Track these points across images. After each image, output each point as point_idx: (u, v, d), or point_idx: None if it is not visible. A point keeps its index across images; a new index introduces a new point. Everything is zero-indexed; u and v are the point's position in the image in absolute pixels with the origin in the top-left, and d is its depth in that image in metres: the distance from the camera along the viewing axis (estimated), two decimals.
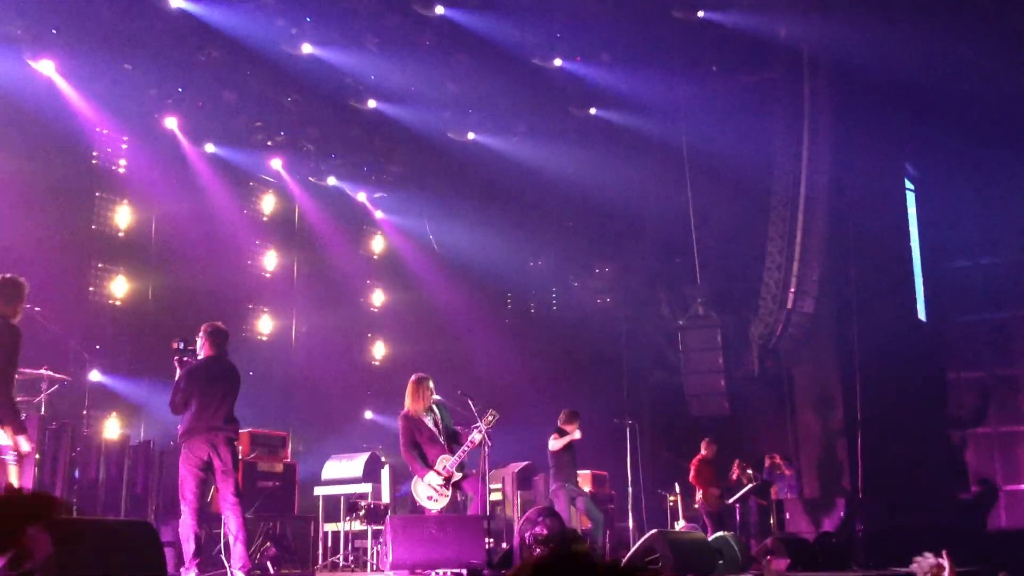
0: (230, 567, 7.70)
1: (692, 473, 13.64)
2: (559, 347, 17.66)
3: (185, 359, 8.18)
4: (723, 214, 17.56)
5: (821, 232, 16.33)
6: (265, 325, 15.34)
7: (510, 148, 16.31)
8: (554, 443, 11.08)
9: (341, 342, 16.44)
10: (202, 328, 8.28)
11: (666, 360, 18.47)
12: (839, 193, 16.80)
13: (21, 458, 6.47)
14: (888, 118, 17.28)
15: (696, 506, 13.57)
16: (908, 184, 19.50)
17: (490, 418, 9.09)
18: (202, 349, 8.16)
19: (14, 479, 6.35)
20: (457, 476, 9.12)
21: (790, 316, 16.21)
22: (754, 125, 16.72)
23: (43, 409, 8.75)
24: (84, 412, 10.09)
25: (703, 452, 13.69)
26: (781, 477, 14.66)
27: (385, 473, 11.62)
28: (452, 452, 9.20)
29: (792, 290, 16.06)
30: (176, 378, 8.10)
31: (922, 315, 19.16)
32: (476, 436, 9.09)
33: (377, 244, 17.77)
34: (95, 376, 10.64)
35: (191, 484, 7.77)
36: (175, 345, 8.32)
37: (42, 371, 8.78)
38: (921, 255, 19.48)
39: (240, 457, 9.01)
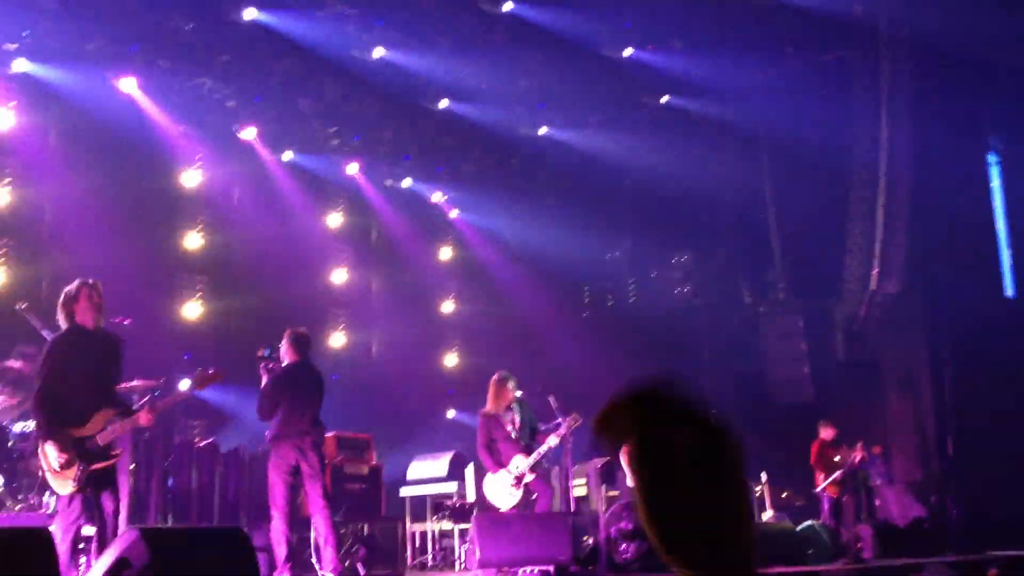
0: (321, 570, 7.85)
1: (813, 457, 13.32)
2: (638, 339, 17.56)
3: (271, 366, 8.35)
4: (802, 197, 17.27)
5: (904, 211, 16.00)
6: (345, 332, 15.57)
7: (583, 141, 16.28)
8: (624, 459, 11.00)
9: (420, 344, 16.60)
10: (286, 334, 8.44)
11: (748, 348, 18.27)
12: (921, 170, 16.42)
13: (54, 471, 6.25)
14: (969, 91, 16.81)
15: (816, 491, 13.26)
16: (992, 158, 18.95)
17: (572, 422, 9.11)
18: (286, 355, 8.33)
19: (56, 487, 6.37)
20: (529, 477, 9.16)
21: (874, 297, 15.91)
22: (831, 105, 16.43)
23: None
24: (175, 422, 10.36)
25: (822, 434, 13.39)
26: (872, 463, 14.39)
27: (470, 472, 11.70)
28: (530, 451, 9.24)
29: (876, 271, 15.77)
30: (262, 385, 8.27)
31: (1010, 291, 18.62)
32: (553, 440, 9.13)
33: (453, 245, 17.88)
34: (184, 386, 10.89)
35: (281, 489, 7.93)
36: (260, 352, 8.51)
37: (133, 383, 9.03)
38: (1008, 230, 18.91)
39: (327, 461, 9.18)
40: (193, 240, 13.64)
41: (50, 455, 6.22)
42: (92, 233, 11.52)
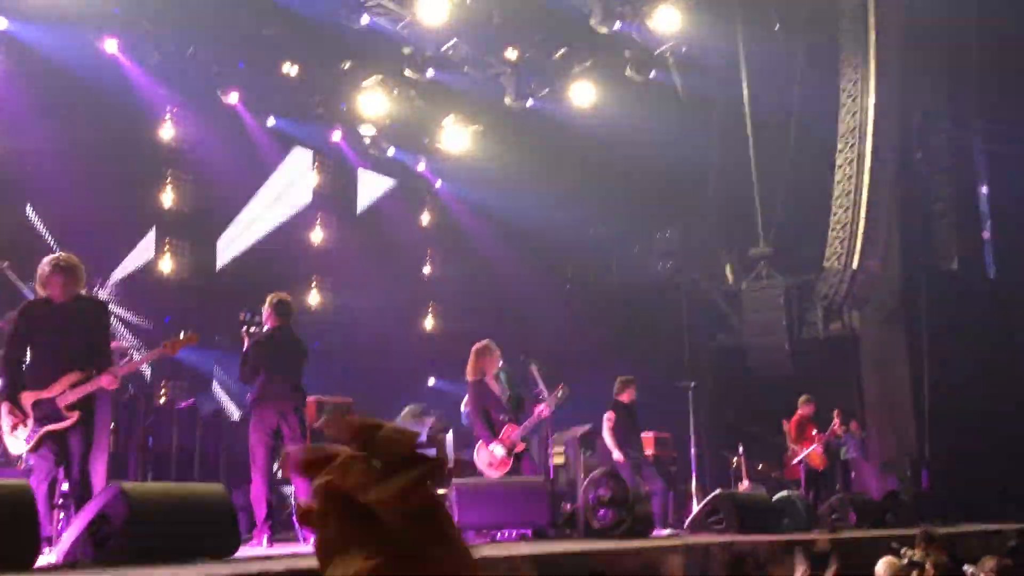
0: (300, 531, 7.89)
1: (792, 431, 13.44)
2: (620, 312, 17.65)
3: (252, 330, 8.34)
4: (787, 174, 17.35)
5: (888, 189, 16.09)
6: (326, 296, 15.58)
7: (568, 113, 16.26)
8: (607, 436, 11.12)
9: (401, 312, 16.63)
10: (267, 299, 8.43)
11: (728, 323, 18.39)
12: (906, 149, 16.52)
13: (7, 432, 6.37)
14: (956, 72, 16.91)
15: (795, 463, 13.37)
16: (977, 138, 19.06)
17: (559, 394, 9.18)
18: (268, 320, 8.32)
19: (10, 448, 6.51)
20: (521, 447, 9.23)
21: (856, 276, 16.01)
22: (818, 81, 16.48)
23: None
24: (156, 383, 10.36)
25: (801, 410, 13.49)
26: (848, 437, 14.53)
27: (449, 438, 11.77)
28: (517, 420, 9.29)
29: (858, 249, 15.85)
30: (244, 349, 8.27)
31: (991, 272, 18.78)
32: (544, 412, 9.19)
33: (436, 213, 17.87)
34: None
35: (261, 451, 7.95)
36: (242, 316, 8.49)
37: (115, 345, 9.03)
38: (991, 211, 19.06)
39: (308, 424, 9.20)
40: (173, 200, 13.58)
41: (1, 416, 6.37)
42: (73, 192, 11.46)
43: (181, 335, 7.22)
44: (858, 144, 16.01)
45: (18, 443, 6.39)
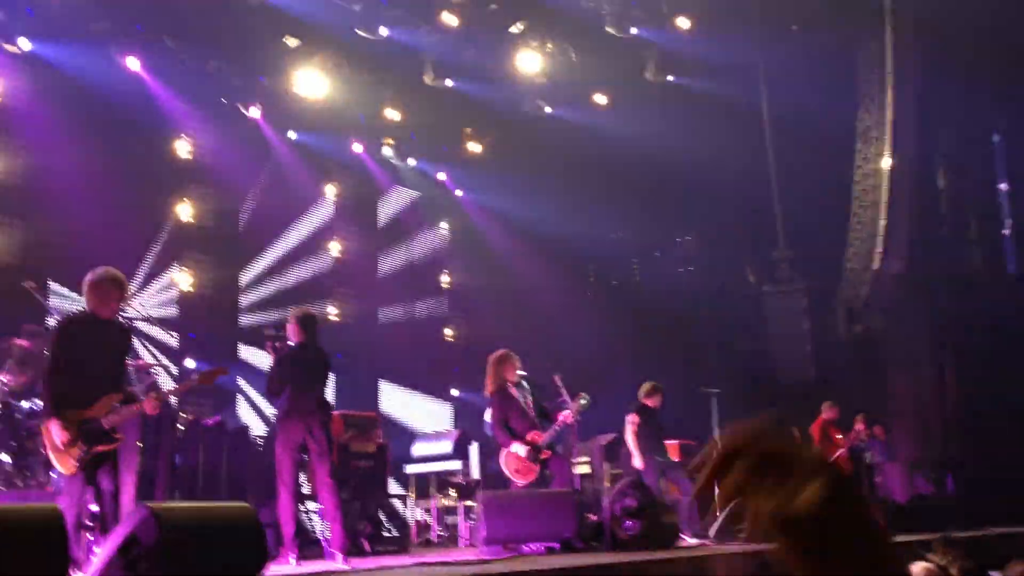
0: (328, 546, 7.92)
1: (816, 437, 13.40)
2: (643, 318, 17.62)
3: (278, 345, 8.40)
4: (806, 176, 17.28)
5: (908, 190, 16.00)
6: (347, 308, 15.63)
7: (587, 120, 16.27)
8: (630, 439, 11.09)
9: (423, 322, 16.68)
10: (291, 315, 8.49)
11: (751, 327, 18.32)
12: (925, 149, 16.42)
13: (56, 450, 6.24)
14: (975, 69, 16.78)
15: None
16: (996, 136, 18.92)
17: (583, 402, 9.19)
18: (292, 335, 8.37)
19: (58, 466, 6.39)
20: (546, 454, 9.23)
21: (877, 277, 15.93)
22: (836, 83, 16.40)
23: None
24: (181, 401, 10.42)
25: (825, 414, 13.45)
26: (873, 441, 14.45)
27: (474, 450, 11.79)
28: (542, 428, 9.31)
29: (880, 251, 15.77)
30: (270, 364, 8.32)
31: (1012, 268, 18.64)
32: (569, 416, 9.20)
33: (457, 222, 17.90)
34: (190, 364, 10.99)
35: (288, 467, 7.98)
36: (267, 332, 8.55)
37: (138, 362, 9.10)
38: (1009, 208, 18.91)
39: (334, 439, 9.25)
40: (197, 216, 13.66)
41: (54, 433, 6.25)
42: (97, 211, 11.55)
43: (215, 367, 7.31)
44: (877, 143, 15.94)
45: (68, 463, 6.32)
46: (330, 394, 8.46)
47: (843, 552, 0.99)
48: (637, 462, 10.93)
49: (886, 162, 15.75)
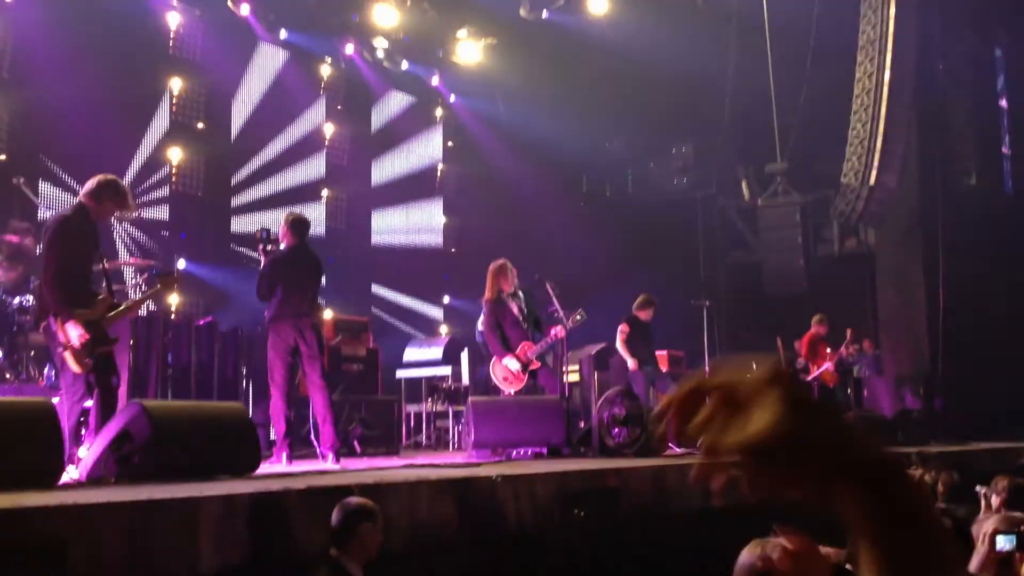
0: (319, 446, 8.00)
1: (804, 350, 13.51)
2: (635, 228, 17.59)
3: (269, 248, 8.37)
4: (805, 89, 17.07)
5: (906, 104, 15.83)
6: (340, 212, 15.54)
7: (584, 27, 15.99)
8: (620, 346, 11.23)
9: (415, 229, 16.63)
10: (284, 218, 8.46)
11: (744, 240, 18.32)
12: (926, 63, 16.20)
13: (74, 349, 6.22)
14: None
15: (809, 379, 13.46)
16: (998, 51, 18.67)
17: (578, 317, 9.23)
18: (284, 238, 8.34)
19: (73, 365, 6.38)
20: (536, 365, 9.31)
21: (872, 192, 15.85)
22: None
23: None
24: (174, 300, 10.43)
25: (814, 328, 13.54)
26: (861, 356, 14.57)
27: (464, 356, 11.85)
28: (534, 339, 9.37)
29: (875, 165, 15.67)
30: (261, 266, 8.31)
31: (1010, 187, 18.57)
32: (561, 331, 9.25)
33: (450, 128, 17.71)
34: (181, 264, 10.96)
35: (279, 368, 8.01)
36: (258, 235, 8.52)
37: (129, 260, 9.07)
38: (1009, 125, 18.75)
39: (325, 342, 9.28)
40: (188, 115, 13.48)
41: (71, 334, 6.20)
42: (88, 114, 11.38)
43: (169, 274, 7.28)
44: (877, 57, 15.70)
45: (85, 360, 6.29)
46: (324, 297, 8.46)
47: (815, 466, 0.92)
48: (631, 364, 11.07)
49: (886, 76, 15.55)
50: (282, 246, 8.35)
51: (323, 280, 8.55)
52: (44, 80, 11.32)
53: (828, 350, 13.33)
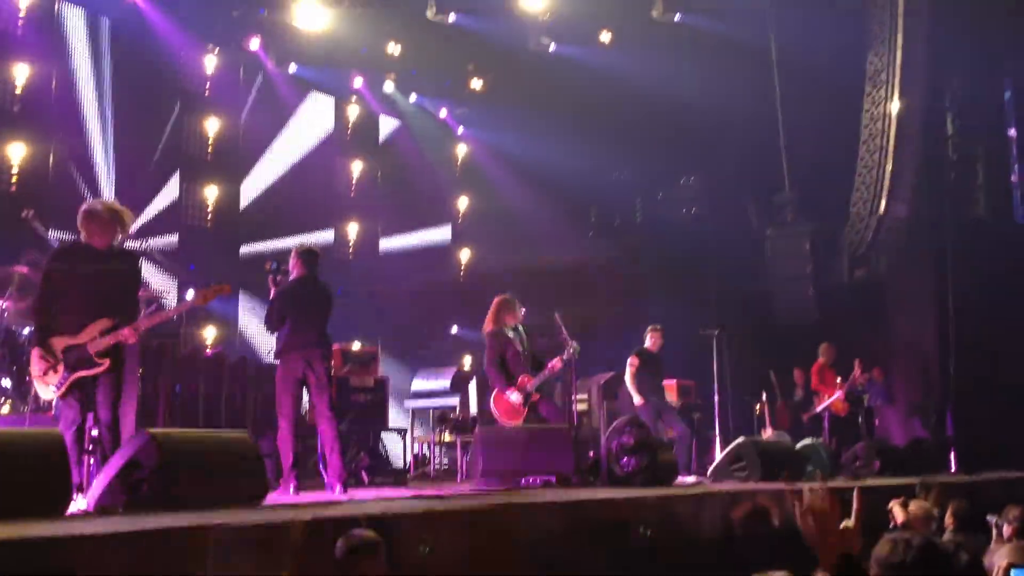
0: (327, 477, 7.97)
1: (814, 380, 13.51)
2: (644, 258, 17.57)
3: (279, 279, 8.40)
4: (813, 119, 17.10)
5: (915, 133, 15.85)
6: (349, 243, 15.58)
7: (592, 58, 16.07)
8: (628, 380, 11.28)
9: (424, 258, 16.67)
10: (294, 250, 8.49)
11: (753, 269, 18.28)
12: (934, 93, 16.24)
13: (38, 377, 6.43)
14: (987, 13, 16.54)
15: (817, 411, 13.44)
16: (1007, 82, 18.69)
17: (572, 350, 9.26)
18: (294, 269, 8.36)
19: (41, 391, 6.53)
20: (536, 397, 9.31)
21: (882, 221, 15.85)
22: (845, 25, 16.17)
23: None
24: (181, 330, 10.44)
25: (822, 357, 13.55)
26: (871, 385, 14.50)
27: (472, 387, 11.84)
28: (532, 373, 9.37)
29: (884, 194, 15.67)
30: (271, 297, 8.33)
31: (1020, 217, 18.53)
32: (558, 363, 9.28)
33: (459, 160, 17.76)
34: (190, 295, 10.95)
35: (288, 399, 8.01)
36: (268, 266, 8.56)
37: (147, 292, 9.11)
38: (1017, 154, 18.73)
39: (333, 372, 9.27)
40: (198, 146, 13.55)
41: (33, 361, 6.40)
42: (95, 134, 11.49)
43: (215, 285, 7.26)
44: (886, 87, 15.76)
45: (48, 389, 6.45)
46: (331, 328, 8.45)
47: None
48: (636, 400, 11.07)
49: (895, 106, 15.59)
50: (292, 276, 8.38)
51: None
52: (55, 115, 11.45)
53: (838, 379, 13.28)
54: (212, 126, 13.77)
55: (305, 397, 8.37)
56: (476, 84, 16.52)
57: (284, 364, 8.10)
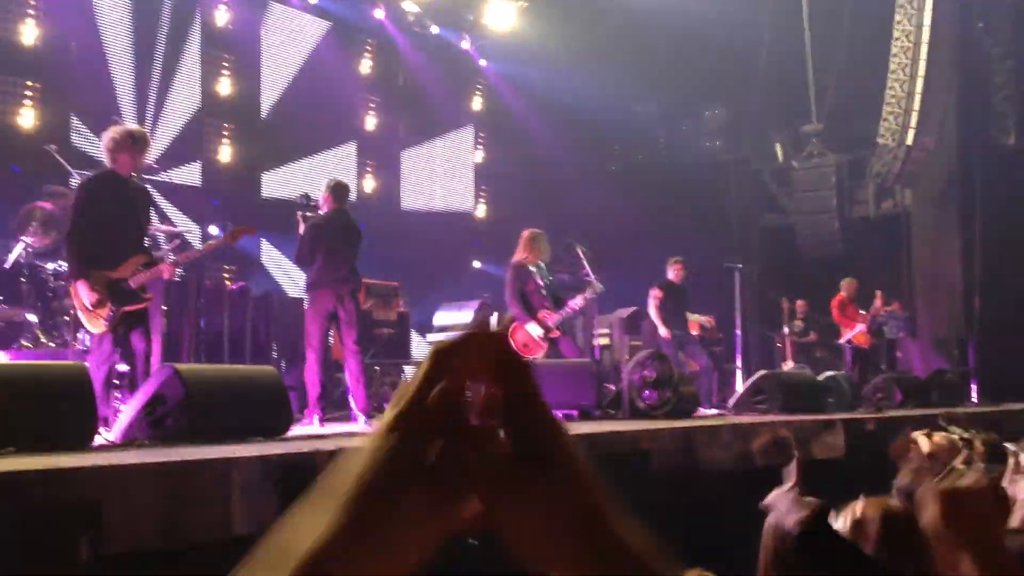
0: (352, 409, 8.05)
1: (835, 313, 13.50)
2: (668, 191, 17.45)
3: (308, 214, 8.40)
4: (841, 48, 16.82)
5: (945, 63, 15.58)
6: (371, 179, 15.53)
7: None
8: (652, 312, 11.29)
9: (447, 194, 16.61)
10: (326, 183, 8.48)
11: (777, 202, 18.15)
12: (966, 18, 15.91)
13: (86, 309, 6.37)
14: None
15: (841, 342, 13.46)
16: None
17: (596, 289, 9.26)
18: (325, 203, 8.35)
19: (88, 326, 6.50)
20: (556, 334, 9.32)
21: (909, 153, 15.66)
22: None
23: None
24: (206, 266, 10.48)
25: (844, 292, 13.52)
26: (891, 316, 14.43)
27: (493, 321, 11.86)
28: (554, 309, 9.38)
29: (912, 125, 15.46)
30: (301, 232, 8.33)
31: None
32: (578, 303, 9.29)
33: (481, 93, 17.59)
34: (213, 231, 10.99)
35: (317, 332, 8.06)
36: (298, 200, 8.54)
37: (162, 227, 9.13)
38: None
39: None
40: (218, 89, 13.47)
41: (81, 294, 6.35)
42: (113, 74, 11.45)
43: (242, 225, 7.29)
44: (916, 15, 15.45)
45: (98, 322, 6.40)
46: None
47: None
48: (662, 331, 11.11)
49: (924, 34, 15.28)
50: (322, 211, 8.37)
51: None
52: (77, 45, 11.42)
53: (861, 312, 13.24)
54: (233, 64, 13.63)
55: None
56: (498, 16, 16.25)
57: (314, 298, 8.14)
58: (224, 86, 13.49)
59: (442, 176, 16.74)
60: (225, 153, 13.43)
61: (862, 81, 16.57)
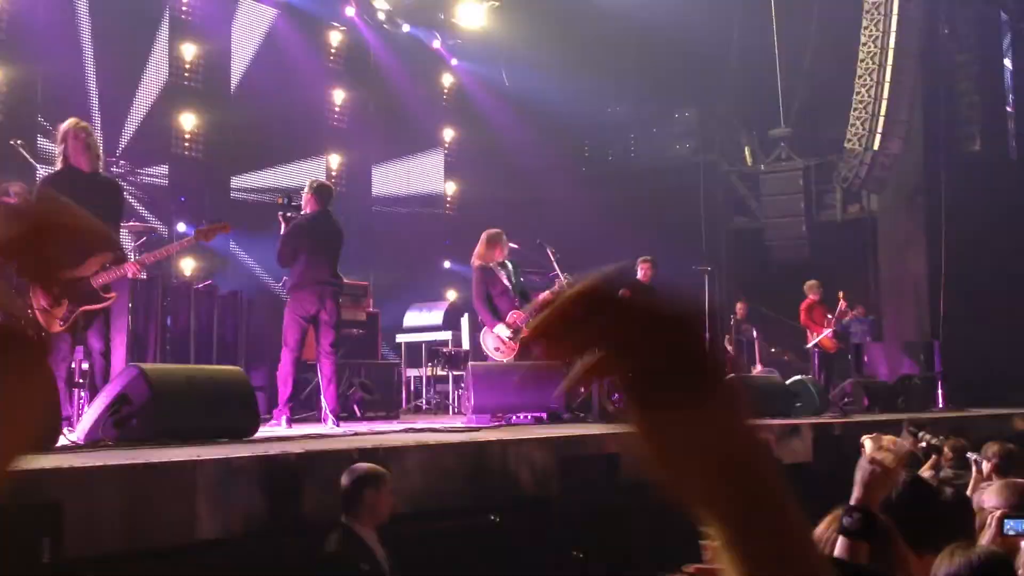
0: (323, 410, 7.98)
1: (803, 317, 13.54)
2: (637, 194, 17.48)
3: (289, 215, 8.34)
4: (810, 53, 16.94)
5: (911, 69, 15.72)
6: (340, 174, 15.43)
7: None
8: None
9: (417, 193, 16.56)
10: (308, 184, 8.42)
11: (746, 206, 18.24)
12: (931, 29, 16.06)
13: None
14: None
15: (808, 347, 13.50)
16: (1004, 17, 18.48)
17: (565, 283, 9.19)
18: (307, 204, 8.28)
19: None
20: (526, 332, 9.27)
21: (876, 157, 15.78)
22: None
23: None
24: (172, 264, 10.39)
25: (810, 296, 13.55)
26: (854, 321, 14.52)
27: (465, 321, 11.83)
28: (522, 308, 9.33)
29: (879, 130, 15.58)
30: (282, 232, 8.26)
31: (1014, 153, 18.43)
32: (549, 297, 9.21)
33: (451, 92, 17.55)
34: (181, 228, 10.91)
35: (295, 333, 7.99)
36: (280, 200, 8.48)
37: (132, 224, 9.03)
38: (1014, 90, 18.59)
39: None
40: (185, 71, 13.30)
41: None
42: (86, 72, 11.31)
43: (216, 223, 7.21)
44: (883, 21, 15.57)
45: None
46: None
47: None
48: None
49: (891, 40, 15.42)
50: (304, 211, 8.30)
51: None
52: (41, 40, 11.26)
53: (828, 316, 13.32)
54: (201, 54, 13.49)
55: None
56: (469, 15, 16.21)
57: (296, 299, 8.06)
58: (192, 74, 13.34)
59: (416, 174, 16.70)
60: (194, 150, 13.30)
61: (830, 86, 16.69)
